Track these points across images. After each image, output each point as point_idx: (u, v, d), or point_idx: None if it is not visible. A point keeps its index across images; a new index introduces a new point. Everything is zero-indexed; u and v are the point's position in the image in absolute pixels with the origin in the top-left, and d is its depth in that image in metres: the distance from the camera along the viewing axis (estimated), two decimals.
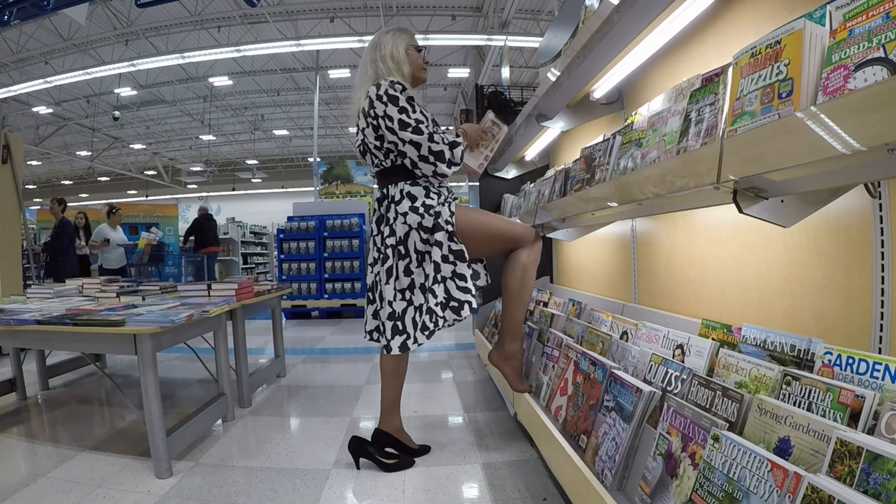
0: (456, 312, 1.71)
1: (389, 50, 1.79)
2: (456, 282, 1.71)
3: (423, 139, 1.67)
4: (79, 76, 10.15)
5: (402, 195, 1.74)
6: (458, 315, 1.71)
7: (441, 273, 1.71)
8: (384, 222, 1.78)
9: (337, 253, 6.16)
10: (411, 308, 1.73)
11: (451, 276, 1.71)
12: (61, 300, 2.48)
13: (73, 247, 5.55)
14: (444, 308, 1.70)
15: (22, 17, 5.18)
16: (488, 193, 3.38)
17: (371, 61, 1.80)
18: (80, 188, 21.92)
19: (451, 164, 1.73)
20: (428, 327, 1.69)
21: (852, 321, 0.96)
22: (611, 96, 2.01)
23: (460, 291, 1.71)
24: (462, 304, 1.70)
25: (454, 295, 1.71)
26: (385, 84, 1.70)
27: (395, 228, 1.73)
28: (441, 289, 1.70)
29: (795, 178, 0.83)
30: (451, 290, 1.71)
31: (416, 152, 1.68)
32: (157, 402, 1.76)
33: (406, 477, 1.74)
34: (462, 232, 1.75)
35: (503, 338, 1.87)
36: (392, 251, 1.74)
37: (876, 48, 0.63)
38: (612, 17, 1.34)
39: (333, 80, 13.33)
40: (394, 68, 1.78)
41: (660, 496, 0.94)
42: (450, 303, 1.70)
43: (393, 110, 1.67)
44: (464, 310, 1.70)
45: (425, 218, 1.72)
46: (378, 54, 1.80)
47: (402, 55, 1.81)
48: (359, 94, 1.80)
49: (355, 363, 3.58)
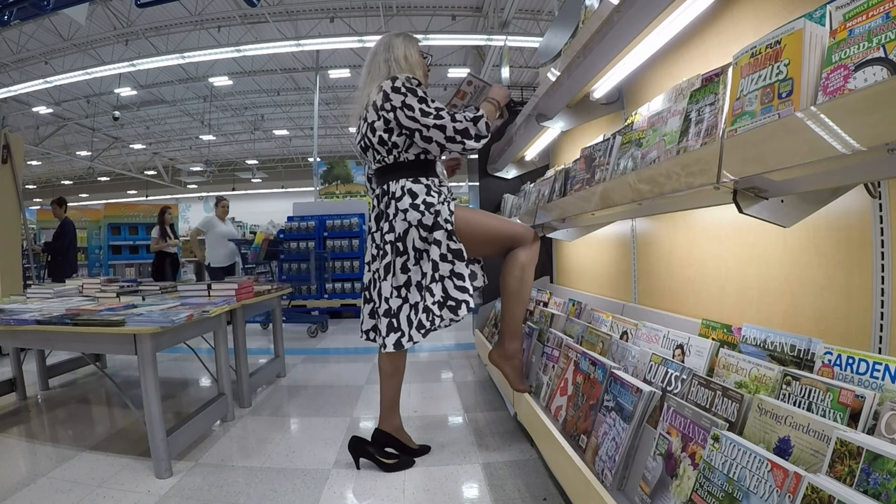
0: (453, 312, 1.71)
1: (403, 52, 1.81)
2: (454, 281, 1.71)
3: (446, 122, 1.70)
4: (79, 76, 10.15)
5: (402, 192, 1.74)
6: (456, 315, 1.71)
7: (439, 272, 1.71)
8: (383, 218, 1.78)
9: (337, 253, 6.16)
10: (406, 305, 1.73)
11: (449, 275, 1.71)
12: (61, 300, 2.48)
13: (74, 247, 5.53)
14: (442, 307, 1.70)
15: (22, 17, 5.17)
16: (488, 193, 3.38)
17: (384, 61, 1.81)
18: (80, 188, 21.93)
19: (480, 137, 1.74)
20: (424, 326, 1.70)
21: (852, 321, 0.96)
22: (611, 96, 2.01)
23: (458, 291, 1.71)
24: (459, 303, 1.70)
25: (452, 294, 1.71)
26: (402, 78, 1.72)
27: (395, 225, 1.73)
28: (439, 287, 1.70)
29: (795, 178, 0.83)
30: (448, 290, 1.71)
31: (443, 134, 1.70)
32: (157, 402, 1.76)
33: (406, 477, 1.74)
34: (461, 231, 1.76)
35: (503, 337, 1.88)
36: (391, 247, 1.74)
37: (876, 48, 0.63)
38: (612, 17, 1.34)
39: (333, 80, 13.34)
40: (407, 70, 1.80)
41: (660, 496, 0.94)
42: (447, 302, 1.70)
43: (413, 100, 1.69)
44: (461, 309, 1.70)
45: (425, 216, 1.72)
46: (392, 55, 1.80)
47: (417, 59, 1.84)
48: (368, 90, 1.80)
49: (355, 363, 3.58)
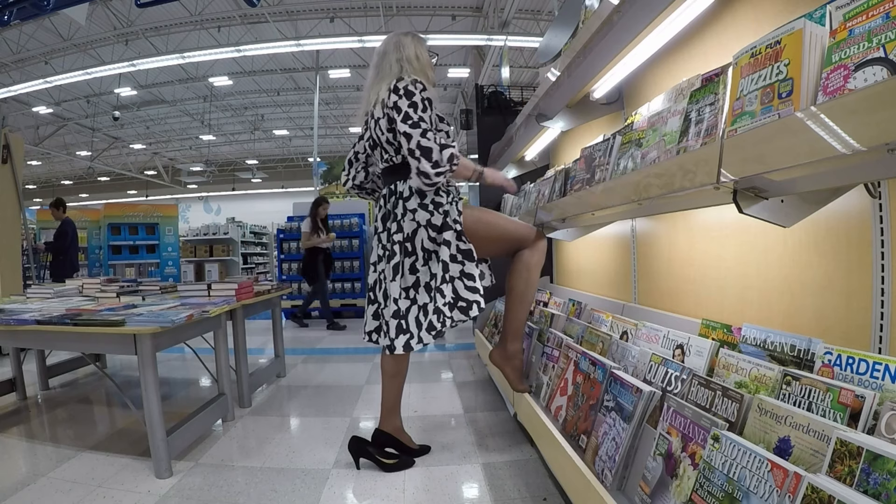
0: (464, 312, 1.70)
1: (414, 52, 1.80)
2: (465, 281, 1.71)
3: (416, 132, 1.63)
4: (79, 76, 10.15)
5: (410, 191, 1.73)
6: (467, 315, 1.70)
7: (449, 273, 1.70)
8: (391, 218, 1.77)
9: (337, 253, 6.16)
10: (415, 307, 1.73)
11: (460, 275, 1.71)
12: (61, 300, 2.48)
13: (75, 246, 5.53)
14: (453, 308, 1.69)
15: (22, 17, 5.17)
16: (488, 193, 3.39)
17: (396, 61, 1.79)
18: (80, 188, 21.92)
19: (437, 165, 1.63)
20: (435, 327, 1.69)
21: (852, 321, 0.96)
22: (611, 96, 2.01)
23: (469, 291, 1.70)
24: (471, 304, 1.70)
25: (462, 295, 1.70)
26: (407, 80, 1.71)
27: (403, 225, 1.72)
28: (449, 289, 1.70)
29: (795, 178, 0.83)
30: (459, 290, 1.70)
31: (407, 144, 1.64)
32: (157, 402, 1.76)
33: (406, 477, 1.74)
34: (470, 231, 1.75)
35: (505, 337, 1.87)
36: (399, 248, 1.73)
37: (876, 48, 0.63)
38: (612, 17, 1.34)
39: (333, 80, 13.32)
40: (419, 69, 1.79)
41: (660, 496, 0.94)
42: (458, 303, 1.70)
43: (404, 103, 1.67)
44: (472, 309, 1.70)
45: (434, 216, 1.71)
46: (403, 54, 1.79)
47: (428, 60, 1.83)
48: (377, 88, 1.79)
49: (355, 363, 3.58)
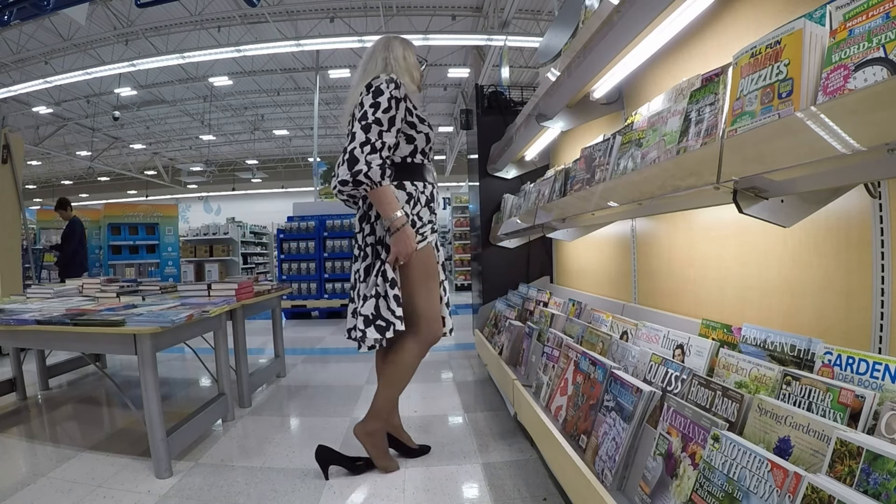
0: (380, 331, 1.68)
1: (402, 52, 1.80)
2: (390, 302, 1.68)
3: (359, 137, 1.58)
4: (79, 76, 10.14)
5: None
6: (383, 334, 1.68)
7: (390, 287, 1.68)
8: (365, 220, 1.77)
9: (337, 253, 6.16)
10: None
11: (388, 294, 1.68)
12: (61, 300, 2.48)
13: (83, 246, 5.52)
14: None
15: (22, 17, 5.17)
16: (488, 193, 3.38)
17: (383, 59, 1.79)
18: (80, 188, 21.92)
19: (356, 175, 1.54)
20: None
21: (852, 321, 0.96)
22: (611, 96, 2.01)
23: (389, 312, 1.67)
24: (389, 324, 1.66)
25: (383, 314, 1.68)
26: (384, 77, 1.68)
27: (376, 227, 1.73)
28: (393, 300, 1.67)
29: (795, 178, 0.83)
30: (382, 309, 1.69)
31: (348, 146, 1.60)
32: (157, 402, 1.76)
33: (406, 477, 1.74)
34: (406, 265, 1.70)
35: (367, 415, 1.78)
36: (371, 250, 1.74)
37: (876, 48, 0.63)
38: (612, 17, 1.34)
39: (333, 80, 13.31)
40: (404, 69, 1.78)
41: (660, 496, 0.94)
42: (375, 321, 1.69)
43: (368, 100, 1.63)
44: (389, 331, 1.66)
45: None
46: (390, 53, 1.79)
47: (413, 62, 1.83)
48: (359, 87, 1.76)
49: (355, 363, 3.58)
